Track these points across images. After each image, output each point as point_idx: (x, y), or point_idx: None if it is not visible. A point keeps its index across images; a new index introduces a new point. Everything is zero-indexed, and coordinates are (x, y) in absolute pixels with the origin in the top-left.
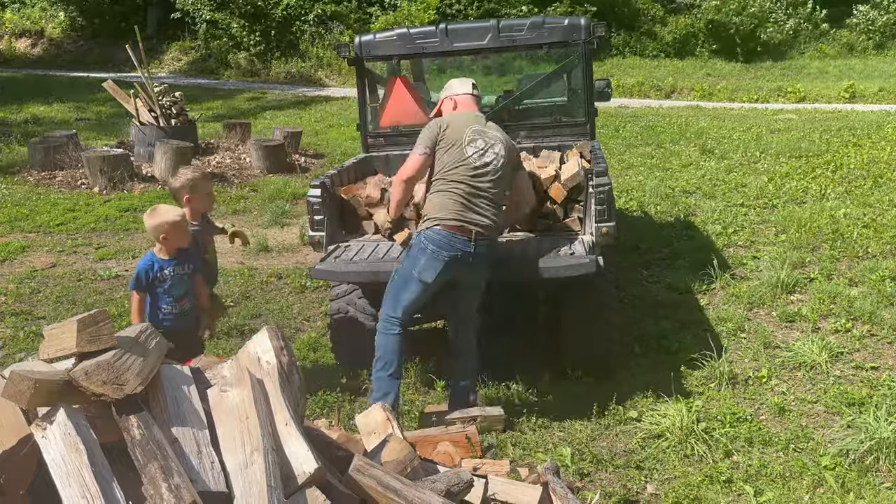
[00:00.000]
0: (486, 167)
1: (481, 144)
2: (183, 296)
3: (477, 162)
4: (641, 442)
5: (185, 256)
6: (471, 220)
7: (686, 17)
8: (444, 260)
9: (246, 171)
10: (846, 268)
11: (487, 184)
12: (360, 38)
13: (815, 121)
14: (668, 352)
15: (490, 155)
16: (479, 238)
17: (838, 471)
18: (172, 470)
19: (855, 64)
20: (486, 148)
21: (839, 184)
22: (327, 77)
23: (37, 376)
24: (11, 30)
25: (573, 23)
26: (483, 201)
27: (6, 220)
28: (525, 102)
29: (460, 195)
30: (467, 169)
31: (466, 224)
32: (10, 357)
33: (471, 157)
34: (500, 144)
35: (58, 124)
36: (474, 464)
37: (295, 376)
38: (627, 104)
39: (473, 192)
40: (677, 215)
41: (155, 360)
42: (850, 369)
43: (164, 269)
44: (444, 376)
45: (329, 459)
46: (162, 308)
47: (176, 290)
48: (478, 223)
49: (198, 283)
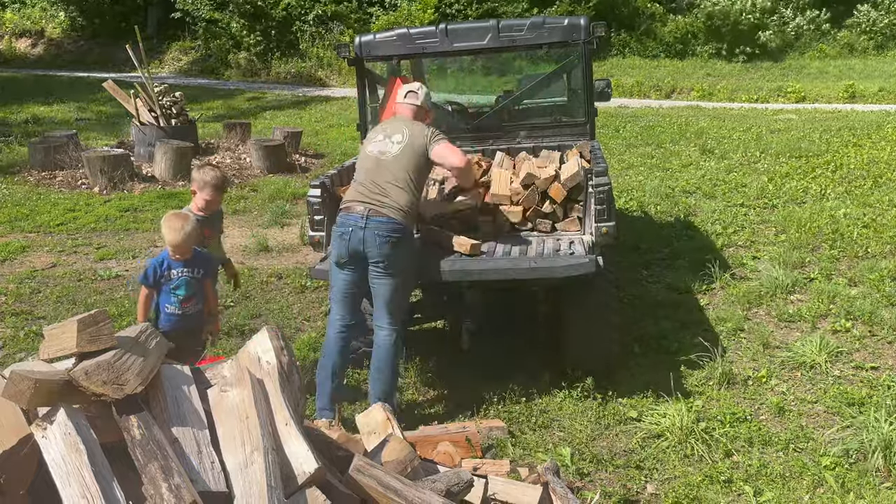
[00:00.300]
0: (382, 155)
1: (380, 137)
2: (188, 298)
3: (374, 153)
4: (641, 442)
5: (198, 261)
6: (362, 199)
7: (686, 16)
8: (342, 237)
9: (246, 171)
10: (846, 268)
11: (383, 167)
12: (360, 39)
13: (815, 121)
14: (668, 352)
15: (386, 143)
16: (372, 214)
17: (838, 471)
18: (172, 470)
19: (855, 64)
20: (384, 138)
21: (839, 184)
22: (327, 77)
23: (37, 376)
24: (12, 30)
25: (573, 23)
26: (380, 182)
27: (6, 220)
28: (525, 102)
29: (358, 183)
30: (365, 161)
31: (357, 203)
32: (10, 357)
33: (370, 151)
34: (400, 133)
35: (58, 124)
36: (474, 464)
37: (295, 376)
38: (627, 104)
39: (368, 177)
40: (677, 215)
41: (155, 360)
42: (850, 369)
43: (173, 269)
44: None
45: (329, 459)
46: (166, 307)
47: (181, 291)
48: (371, 200)
49: (207, 288)
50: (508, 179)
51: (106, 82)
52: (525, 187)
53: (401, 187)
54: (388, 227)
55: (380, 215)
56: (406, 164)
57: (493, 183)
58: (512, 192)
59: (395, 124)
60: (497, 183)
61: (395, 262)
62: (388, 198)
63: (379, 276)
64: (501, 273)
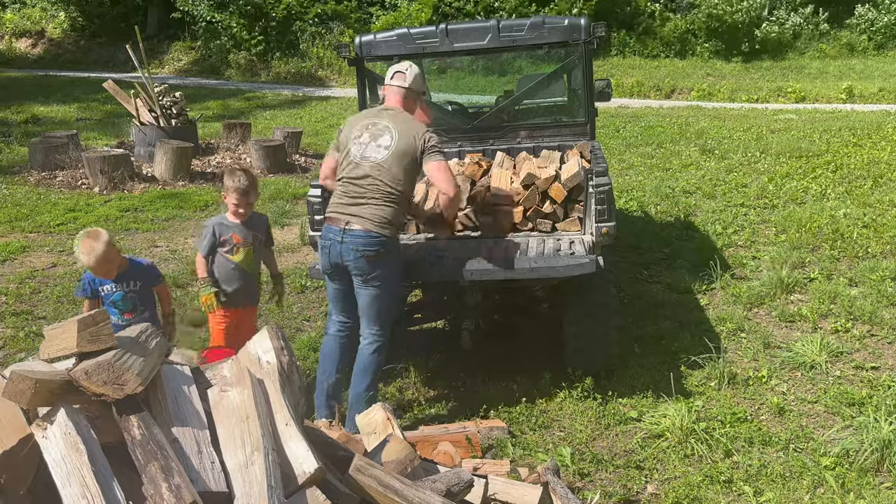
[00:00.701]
0: (365, 160)
1: (366, 139)
2: (129, 311)
3: (357, 157)
4: (641, 442)
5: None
6: (344, 211)
7: (686, 16)
8: (323, 249)
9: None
10: (846, 268)
11: (366, 174)
12: (360, 38)
13: (815, 121)
14: (668, 352)
15: (370, 148)
16: (350, 227)
17: (838, 471)
18: (172, 470)
19: (855, 64)
20: (370, 140)
21: (839, 184)
22: (328, 77)
23: (37, 376)
24: (12, 30)
25: (573, 23)
26: (361, 191)
27: (6, 220)
28: (525, 102)
29: (341, 191)
30: (349, 166)
31: (338, 214)
32: (10, 357)
33: (353, 154)
34: (388, 134)
35: (58, 124)
36: (474, 464)
37: (295, 376)
38: (627, 104)
39: (351, 185)
40: (677, 215)
41: (155, 360)
42: (850, 369)
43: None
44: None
45: (329, 459)
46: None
47: (121, 305)
48: (351, 213)
49: (160, 293)
50: (508, 179)
51: (106, 82)
52: (525, 187)
53: (383, 198)
54: (365, 241)
55: (357, 228)
56: (392, 174)
57: (493, 183)
58: (512, 192)
59: (382, 122)
60: (497, 183)
61: (375, 275)
62: (368, 208)
63: (360, 287)
64: (502, 273)
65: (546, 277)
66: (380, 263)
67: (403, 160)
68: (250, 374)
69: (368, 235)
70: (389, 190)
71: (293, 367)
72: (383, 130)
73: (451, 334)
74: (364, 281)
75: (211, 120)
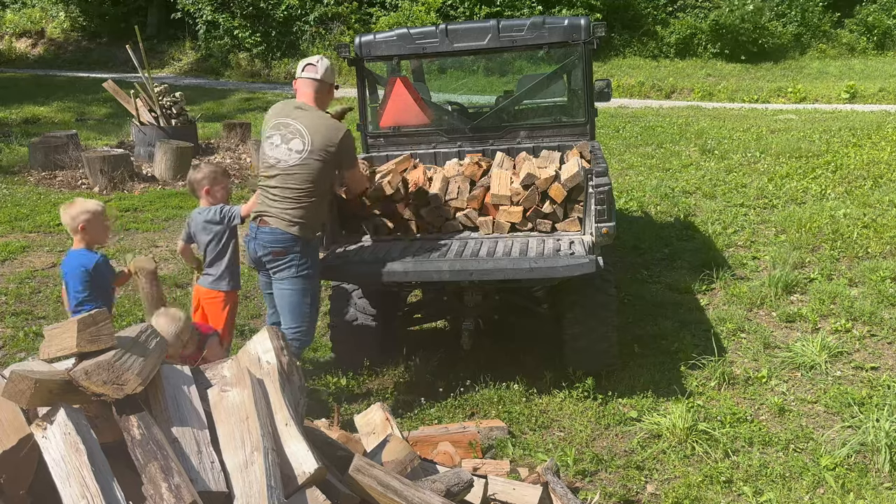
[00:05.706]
0: (278, 163)
1: (277, 140)
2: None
3: (270, 159)
4: (641, 442)
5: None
6: (260, 208)
7: (688, 17)
8: (246, 244)
9: (246, 171)
10: (846, 268)
11: (278, 176)
12: (360, 39)
13: (815, 121)
14: (668, 352)
15: (282, 150)
16: (262, 223)
17: (838, 471)
18: (172, 470)
19: (855, 64)
20: (281, 142)
21: (839, 184)
22: None
23: (37, 376)
24: (12, 30)
25: (573, 23)
26: (274, 191)
27: (6, 220)
28: (525, 103)
29: (260, 189)
30: (263, 165)
31: (257, 212)
32: (10, 357)
33: (266, 154)
34: (299, 139)
35: (58, 124)
36: (474, 464)
37: (295, 376)
38: (627, 104)
39: (266, 184)
40: (677, 215)
41: (155, 360)
42: (850, 369)
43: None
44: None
45: (329, 459)
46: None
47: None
48: (263, 211)
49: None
50: (508, 179)
51: (106, 82)
52: (525, 187)
53: (295, 199)
54: (272, 237)
55: (267, 225)
56: (303, 178)
57: (493, 183)
58: (512, 192)
59: (294, 124)
60: (497, 183)
61: (284, 272)
62: (278, 207)
63: (274, 283)
64: (501, 273)
65: (546, 277)
66: (287, 262)
67: (316, 164)
68: (250, 374)
69: (275, 233)
70: (300, 192)
71: (293, 367)
72: (294, 134)
73: (451, 334)
74: (276, 277)
75: (211, 120)
